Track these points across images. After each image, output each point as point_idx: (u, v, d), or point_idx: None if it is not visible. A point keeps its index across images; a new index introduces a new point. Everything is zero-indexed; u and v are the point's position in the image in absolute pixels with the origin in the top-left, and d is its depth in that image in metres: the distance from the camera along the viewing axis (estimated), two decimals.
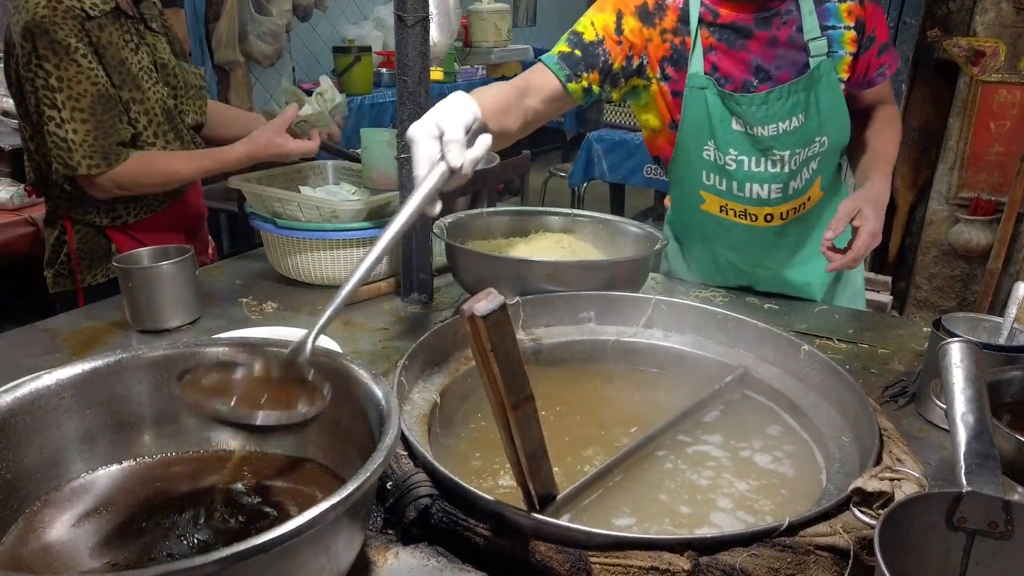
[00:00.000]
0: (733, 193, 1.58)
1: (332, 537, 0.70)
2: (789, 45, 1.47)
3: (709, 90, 1.48)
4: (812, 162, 1.55)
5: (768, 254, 1.68)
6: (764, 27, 1.46)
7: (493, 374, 0.73)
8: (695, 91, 1.49)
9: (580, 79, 1.48)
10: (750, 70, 1.48)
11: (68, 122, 1.57)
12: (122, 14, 1.66)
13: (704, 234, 1.71)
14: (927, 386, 1.18)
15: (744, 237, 1.64)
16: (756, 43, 1.47)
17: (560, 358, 1.31)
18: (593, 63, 1.48)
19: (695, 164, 1.57)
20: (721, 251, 1.72)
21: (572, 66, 1.47)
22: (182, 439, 0.92)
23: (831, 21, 1.48)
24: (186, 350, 0.91)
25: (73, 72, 1.55)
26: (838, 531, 0.80)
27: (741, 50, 1.48)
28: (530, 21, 8.12)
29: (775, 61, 1.48)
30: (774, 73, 1.48)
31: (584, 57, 1.47)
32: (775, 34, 1.46)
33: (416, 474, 0.88)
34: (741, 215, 1.61)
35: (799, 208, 1.60)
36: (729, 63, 1.49)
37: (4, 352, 1.36)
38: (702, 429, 1.14)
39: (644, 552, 0.76)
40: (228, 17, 4.19)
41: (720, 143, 1.52)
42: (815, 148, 1.53)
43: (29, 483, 0.80)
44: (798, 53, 1.47)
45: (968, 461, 0.75)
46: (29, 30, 1.52)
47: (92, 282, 1.79)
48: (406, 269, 1.58)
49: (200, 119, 1.88)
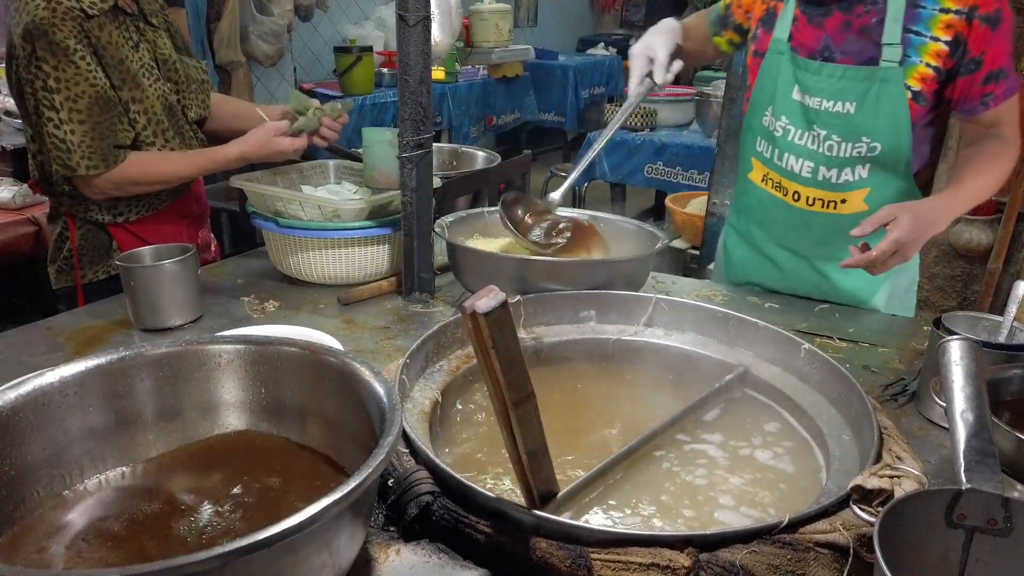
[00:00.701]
0: (774, 162, 1.63)
1: (334, 534, 0.70)
2: (862, 34, 1.48)
3: (785, 56, 1.56)
4: (859, 166, 1.53)
5: (792, 236, 1.66)
6: (845, 10, 1.49)
7: (494, 371, 0.73)
8: (774, 55, 1.59)
9: (722, 35, 1.77)
10: (818, 47, 1.53)
11: (66, 123, 1.58)
12: (121, 12, 1.66)
13: (744, 206, 1.76)
14: (927, 384, 1.18)
15: (773, 213, 1.66)
16: (832, 22, 1.51)
17: (561, 357, 1.31)
18: (726, 23, 1.76)
19: (755, 129, 1.67)
20: (754, 228, 1.74)
21: (718, 23, 1.78)
22: (185, 436, 0.92)
23: (918, 27, 1.44)
24: (188, 348, 0.92)
25: (71, 73, 1.56)
26: (838, 528, 0.81)
27: (817, 27, 1.53)
28: (531, 21, 8.12)
29: (842, 45, 1.50)
30: (837, 56, 1.51)
31: (724, 17, 1.77)
32: (851, 19, 1.48)
33: (417, 471, 0.88)
34: (776, 187, 1.65)
35: (828, 204, 1.58)
36: (804, 35, 1.55)
37: (6, 350, 1.36)
38: (702, 427, 1.14)
39: (644, 548, 0.77)
40: (230, 17, 4.20)
41: (777, 109, 1.59)
42: (861, 148, 1.51)
43: (32, 480, 0.80)
44: (867, 45, 1.47)
45: (968, 458, 0.75)
46: (29, 31, 1.53)
47: (93, 278, 1.79)
48: (407, 268, 1.58)
49: (204, 113, 1.88)
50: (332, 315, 1.54)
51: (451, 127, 5.48)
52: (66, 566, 0.74)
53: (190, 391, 0.92)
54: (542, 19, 8.24)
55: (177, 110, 1.78)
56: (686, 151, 4.25)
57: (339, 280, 1.66)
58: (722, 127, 3.15)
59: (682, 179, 4.28)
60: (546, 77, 6.72)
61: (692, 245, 3.61)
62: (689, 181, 4.24)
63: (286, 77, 5.04)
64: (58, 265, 1.80)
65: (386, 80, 4.98)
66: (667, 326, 1.34)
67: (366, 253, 1.63)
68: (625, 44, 8.38)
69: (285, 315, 1.53)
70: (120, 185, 1.67)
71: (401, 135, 1.49)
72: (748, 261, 1.78)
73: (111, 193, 1.68)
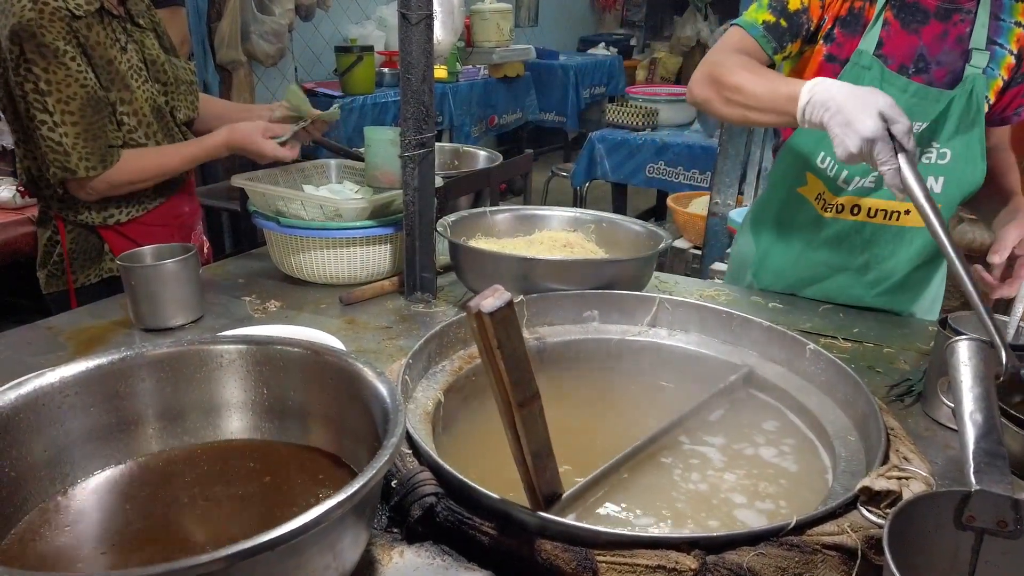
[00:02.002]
0: (836, 183, 1.52)
1: (338, 535, 0.69)
2: (956, 45, 1.43)
3: (872, 71, 1.42)
4: (930, 176, 1.47)
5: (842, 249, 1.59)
6: (943, 18, 1.42)
7: (499, 371, 0.73)
8: (857, 68, 1.43)
9: (785, 50, 1.47)
10: (913, 56, 1.44)
11: (59, 126, 1.57)
12: (107, 13, 1.65)
13: (786, 218, 1.63)
14: (933, 385, 1.17)
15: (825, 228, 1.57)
16: (929, 31, 1.43)
17: (564, 357, 1.30)
18: (797, 32, 1.46)
19: (821, 145, 1.51)
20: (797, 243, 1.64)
21: (778, 38, 1.46)
22: (186, 437, 0.91)
23: (1000, 39, 1.43)
24: (190, 348, 0.91)
25: (62, 75, 1.55)
26: (845, 530, 0.80)
27: (913, 33, 1.43)
28: (532, 21, 8.12)
29: (938, 56, 1.43)
30: (933, 67, 1.44)
31: (789, 27, 1.45)
32: (948, 28, 1.43)
33: (421, 472, 0.88)
34: (828, 208, 1.55)
35: (892, 215, 1.52)
36: (897, 43, 1.44)
37: (7, 350, 1.36)
38: (707, 428, 1.13)
39: (651, 551, 0.76)
40: (230, 17, 4.19)
41: None
42: (931, 155, 1.47)
43: (33, 481, 0.80)
44: (960, 56, 1.43)
45: (977, 460, 0.75)
46: (16, 33, 1.51)
47: (85, 282, 1.78)
48: (409, 268, 1.57)
49: (192, 114, 1.88)
50: (334, 315, 1.53)
51: (452, 127, 5.48)
52: (68, 569, 0.73)
53: (192, 392, 0.91)
54: (543, 19, 8.24)
55: (165, 111, 1.77)
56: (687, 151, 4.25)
57: (341, 280, 1.65)
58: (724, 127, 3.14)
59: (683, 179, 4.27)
60: (547, 77, 6.72)
61: (694, 245, 3.60)
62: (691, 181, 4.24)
63: (287, 77, 5.04)
64: (48, 269, 1.78)
65: (387, 80, 4.98)
66: (671, 326, 1.33)
67: (368, 253, 1.63)
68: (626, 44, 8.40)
69: (286, 315, 1.52)
70: (116, 185, 1.67)
71: (403, 134, 1.48)
72: (785, 272, 1.68)
73: (106, 194, 1.68)
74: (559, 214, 1.73)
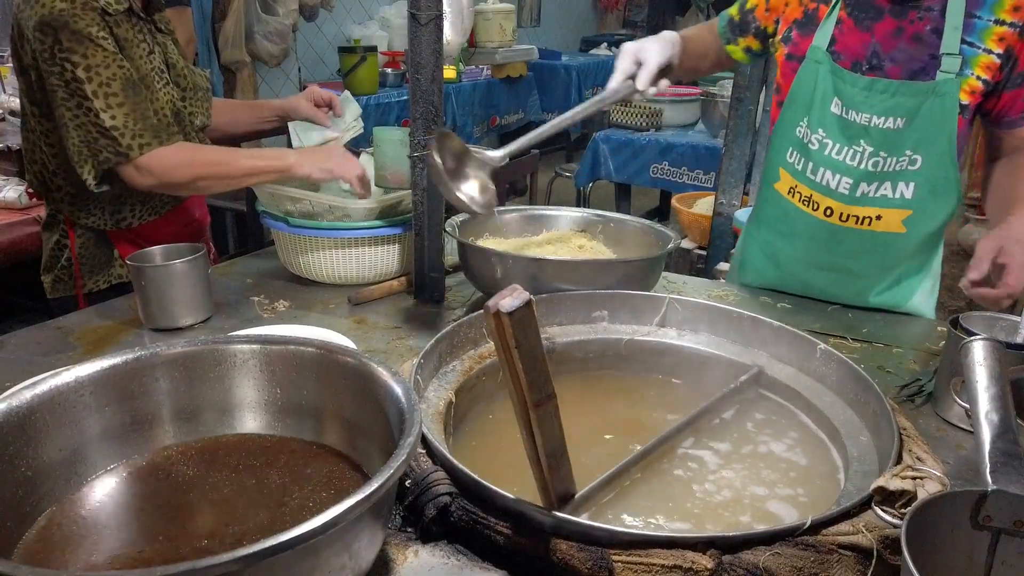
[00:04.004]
0: (806, 176, 1.57)
1: (355, 535, 0.69)
2: (913, 42, 1.42)
3: (824, 65, 1.49)
4: (900, 182, 1.49)
5: (818, 250, 1.62)
6: (897, 15, 1.43)
7: (516, 371, 0.73)
8: (811, 64, 1.51)
9: (738, 43, 1.67)
10: (866, 53, 1.46)
11: (108, 109, 1.53)
12: (135, 15, 1.65)
13: (767, 215, 1.70)
14: (944, 385, 1.17)
15: (800, 226, 1.61)
16: (882, 27, 1.45)
17: (573, 357, 1.30)
18: (746, 29, 1.66)
19: (786, 138, 1.60)
20: (776, 239, 1.69)
21: (732, 30, 1.68)
22: (201, 437, 0.91)
23: (972, 37, 1.40)
24: (204, 348, 0.91)
25: (100, 58, 1.51)
26: (861, 530, 0.80)
27: (866, 31, 1.46)
28: (535, 21, 8.12)
29: (892, 52, 1.44)
30: (887, 64, 1.45)
31: (741, 23, 1.66)
32: (904, 25, 1.43)
33: (435, 472, 0.88)
34: (805, 201, 1.59)
35: (863, 220, 1.54)
36: (849, 40, 1.48)
37: (17, 350, 1.36)
38: (717, 428, 1.13)
39: (666, 550, 0.76)
40: (234, 17, 4.20)
41: (813, 121, 1.52)
42: (903, 163, 1.47)
43: (48, 480, 0.80)
44: (918, 54, 1.42)
45: (993, 459, 0.75)
46: (48, 24, 1.48)
47: (94, 288, 1.76)
48: (418, 268, 1.58)
49: (207, 121, 1.87)
50: (342, 315, 1.53)
51: (455, 127, 5.48)
52: (84, 568, 0.74)
53: (206, 391, 0.91)
54: (545, 19, 8.24)
55: (184, 116, 1.76)
56: (692, 151, 4.24)
57: (349, 280, 1.65)
58: (729, 127, 3.13)
59: (688, 179, 4.27)
60: (549, 77, 6.71)
61: (698, 245, 3.60)
62: (695, 181, 4.23)
63: (290, 77, 5.05)
64: (55, 274, 1.76)
65: (390, 80, 4.98)
66: (680, 326, 1.33)
67: (376, 253, 1.63)
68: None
69: (295, 315, 1.52)
70: (172, 166, 1.59)
71: (412, 134, 1.48)
72: (765, 270, 1.73)
73: (162, 178, 1.59)
74: (567, 214, 1.73)
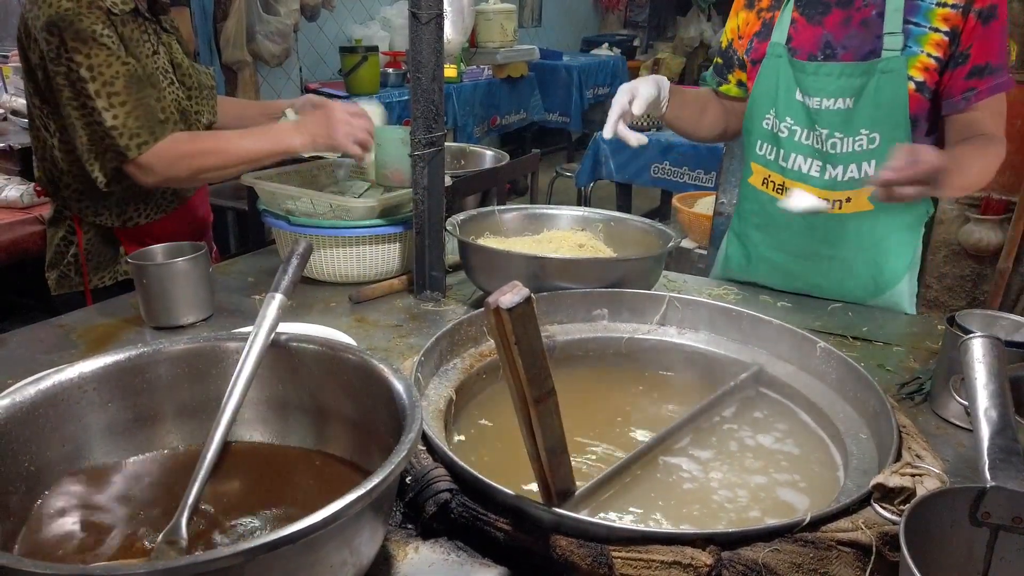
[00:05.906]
0: (778, 163, 1.63)
1: (355, 531, 0.70)
2: (861, 28, 1.49)
3: (783, 58, 1.57)
4: (863, 162, 1.52)
5: (793, 238, 1.66)
6: (843, 6, 1.51)
7: (516, 367, 0.73)
8: (772, 59, 1.60)
9: (728, 80, 1.78)
10: (819, 45, 1.54)
11: (110, 108, 1.54)
12: (140, 15, 1.65)
13: (745, 210, 1.76)
14: (942, 383, 1.17)
15: (775, 215, 1.65)
16: (832, 19, 1.53)
17: (573, 355, 1.31)
18: (731, 64, 1.76)
19: (755, 133, 1.67)
20: (752, 231, 1.74)
21: (719, 72, 1.80)
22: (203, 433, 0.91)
23: (917, 18, 1.45)
24: (207, 345, 0.91)
25: (103, 57, 1.52)
26: (860, 527, 0.80)
27: (817, 25, 1.54)
28: (535, 21, 8.13)
29: (843, 40, 1.51)
30: (840, 52, 1.51)
31: (725, 63, 1.77)
32: (851, 14, 1.50)
33: (435, 469, 0.88)
34: (778, 190, 1.64)
35: (834, 203, 1.57)
36: (804, 36, 1.56)
37: (19, 348, 1.36)
38: (717, 426, 1.14)
39: (666, 547, 0.76)
40: (236, 17, 4.21)
41: (780, 111, 1.60)
42: (862, 142, 1.51)
43: (51, 475, 0.80)
44: (868, 38, 1.49)
45: (992, 456, 0.75)
46: (54, 23, 1.49)
47: (99, 284, 1.77)
48: (419, 266, 1.58)
49: (213, 119, 1.87)
50: (343, 313, 1.53)
51: (456, 127, 5.48)
52: (87, 562, 0.74)
53: (208, 388, 0.91)
54: (546, 19, 8.24)
55: (191, 114, 1.77)
56: (692, 151, 4.24)
57: (350, 278, 1.65)
58: None
59: (688, 179, 4.27)
60: (550, 77, 6.72)
61: (699, 245, 3.60)
62: (695, 181, 4.23)
63: (291, 77, 5.05)
64: (60, 270, 1.77)
65: (391, 80, 4.98)
66: (680, 325, 1.34)
67: (377, 251, 1.63)
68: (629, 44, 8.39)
69: (296, 313, 1.52)
70: (171, 160, 1.59)
71: (413, 133, 1.48)
72: (741, 262, 1.78)
73: (165, 174, 1.60)
74: (567, 213, 1.74)
